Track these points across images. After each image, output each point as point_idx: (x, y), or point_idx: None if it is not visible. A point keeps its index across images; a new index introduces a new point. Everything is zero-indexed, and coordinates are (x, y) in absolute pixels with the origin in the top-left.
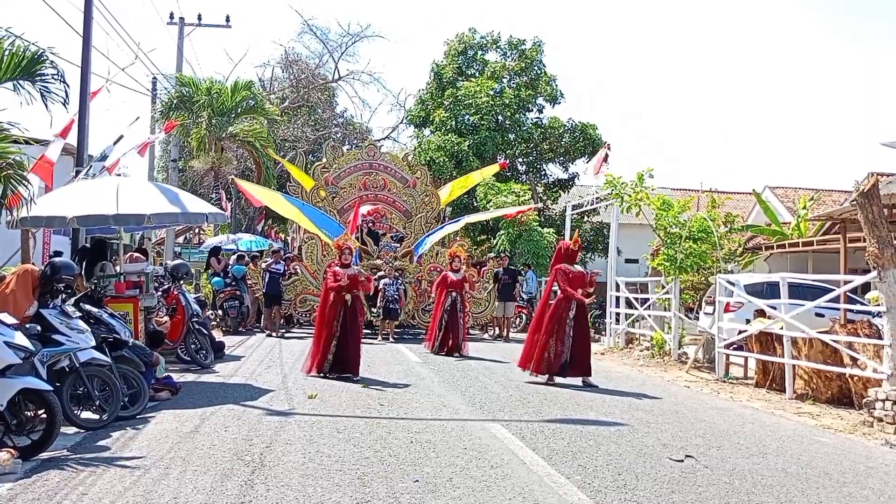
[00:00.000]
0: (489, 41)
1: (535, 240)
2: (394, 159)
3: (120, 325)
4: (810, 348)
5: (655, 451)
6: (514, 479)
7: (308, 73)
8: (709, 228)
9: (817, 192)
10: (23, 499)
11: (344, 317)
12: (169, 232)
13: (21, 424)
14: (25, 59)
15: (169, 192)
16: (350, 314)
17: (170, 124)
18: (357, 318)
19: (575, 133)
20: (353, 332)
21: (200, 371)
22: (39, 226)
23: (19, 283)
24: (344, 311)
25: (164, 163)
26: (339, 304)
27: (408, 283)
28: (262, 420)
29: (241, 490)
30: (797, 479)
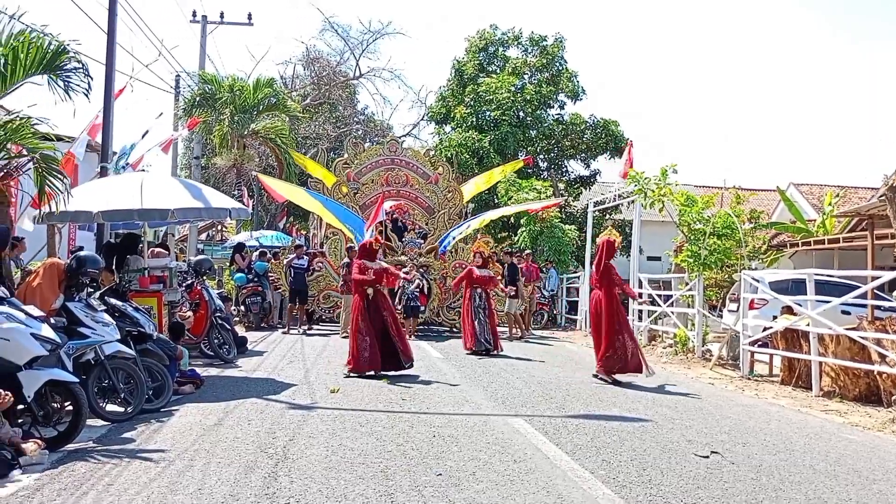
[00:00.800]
0: (510, 37)
1: (556, 237)
2: (415, 155)
3: (144, 319)
4: (837, 345)
5: (680, 446)
6: (537, 474)
7: (329, 71)
8: (733, 224)
9: (843, 189)
10: (49, 489)
11: (369, 314)
12: (192, 229)
13: (48, 416)
14: (49, 53)
15: (192, 188)
16: (373, 308)
17: (193, 121)
18: (381, 312)
19: (597, 129)
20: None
21: (223, 365)
22: (65, 221)
23: (46, 276)
24: (367, 305)
25: (188, 160)
26: (363, 299)
27: (433, 280)
28: (285, 414)
29: (264, 482)
30: (826, 475)
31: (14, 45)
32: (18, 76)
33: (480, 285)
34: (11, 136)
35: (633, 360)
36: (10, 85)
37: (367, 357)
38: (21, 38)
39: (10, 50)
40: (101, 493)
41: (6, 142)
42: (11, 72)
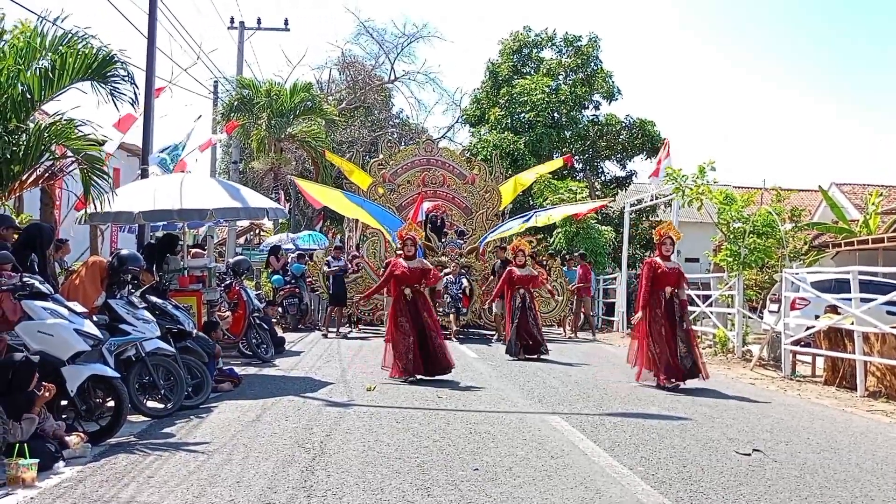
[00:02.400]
0: (544, 38)
1: (592, 237)
2: (451, 155)
3: (184, 317)
4: (883, 344)
5: (721, 444)
6: (575, 469)
7: (364, 75)
8: (774, 223)
9: (887, 189)
10: (91, 480)
11: (409, 314)
12: (230, 232)
13: (90, 410)
14: (97, 60)
15: (230, 188)
16: (413, 309)
17: (231, 125)
18: (421, 314)
19: (633, 130)
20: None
21: (261, 365)
22: (108, 221)
23: (88, 274)
24: (407, 307)
25: (226, 164)
26: (401, 300)
27: (474, 281)
28: (322, 411)
29: (302, 475)
30: (872, 474)
31: (63, 52)
32: (65, 82)
33: (522, 286)
34: (55, 139)
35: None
36: (57, 90)
37: (411, 359)
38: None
39: (58, 56)
40: (142, 485)
41: (50, 143)
42: (58, 76)
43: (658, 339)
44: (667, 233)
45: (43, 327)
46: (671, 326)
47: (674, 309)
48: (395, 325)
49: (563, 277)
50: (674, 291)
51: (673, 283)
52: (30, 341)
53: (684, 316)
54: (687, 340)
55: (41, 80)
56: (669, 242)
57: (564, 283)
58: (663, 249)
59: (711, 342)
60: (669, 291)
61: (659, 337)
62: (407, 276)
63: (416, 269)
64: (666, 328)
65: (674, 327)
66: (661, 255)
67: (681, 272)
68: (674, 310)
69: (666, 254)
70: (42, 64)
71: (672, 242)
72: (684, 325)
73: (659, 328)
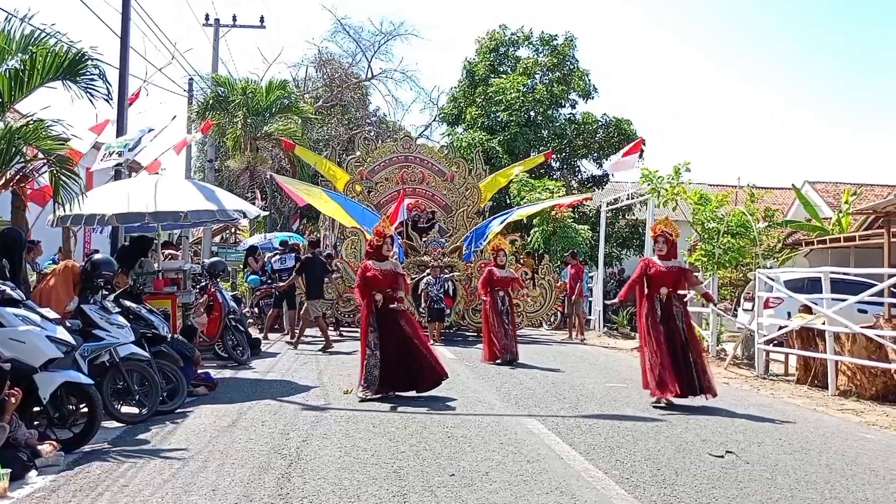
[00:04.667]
0: (520, 37)
1: (570, 236)
2: (430, 152)
3: (158, 321)
4: (854, 344)
5: (695, 446)
6: (550, 474)
7: (341, 73)
8: (747, 223)
9: (860, 187)
10: (65, 490)
11: (379, 324)
12: (206, 231)
13: (63, 418)
14: (68, 59)
15: (205, 190)
16: (385, 319)
17: (206, 124)
18: (397, 323)
19: (609, 128)
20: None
21: (238, 367)
22: (79, 224)
23: (60, 278)
24: (377, 316)
25: (201, 163)
26: (370, 308)
27: (458, 282)
28: (299, 415)
29: (278, 482)
30: (842, 475)
31: (33, 52)
32: (36, 82)
33: (502, 288)
34: (27, 139)
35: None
36: (28, 90)
37: (377, 376)
38: (39, 43)
39: (28, 56)
40: (117, 495)
41: (22, 145)
42: (29, 76)
43: (658, 348)
44: (661, 230)
45: (15, 334)
46: (671, 333)
47: (672, 313)
48: (366, 336)
49: (551, 275)
50: (672, 293)
51: (669, 283)
52: (1, 349)
53: (688, 321)
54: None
55: (11, 80)
56: (662, 241)
57: (553, 281)
58: (656, 248)
59: None
60: (665, 293)
61: (658, 345)
62: (378, 280)
63: (389, 273)
64: (665, 335)
65: (675, 334)
66: (658, 253)
67: (681, 270)
68: (673, 314)
69: (659, 252)
70: (12, 64)
71: (665, 240)
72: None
73: (657, 335)
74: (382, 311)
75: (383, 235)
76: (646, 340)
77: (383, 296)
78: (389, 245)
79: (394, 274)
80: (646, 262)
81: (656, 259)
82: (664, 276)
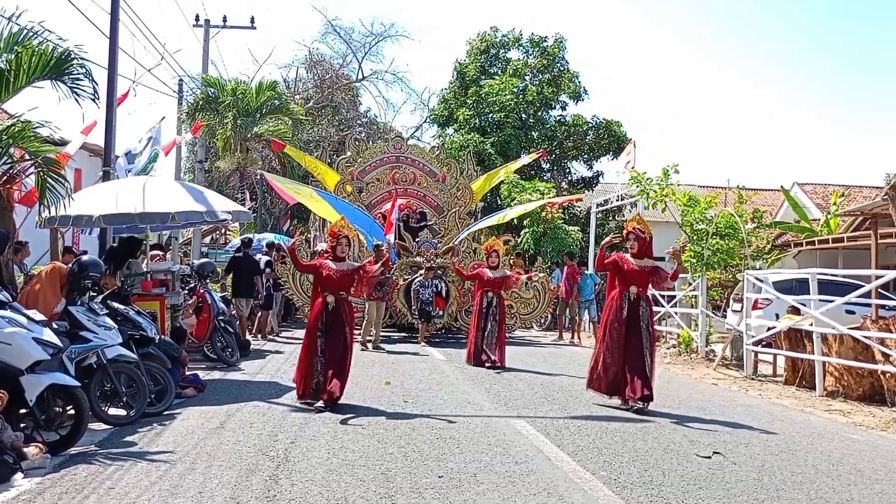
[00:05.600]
0: (511, 39)
1: (560, 238)
2: (421, 152)
3: (146, 323)
4: (841, 345)
5: (683, 447)
6: (538, 475)
7: (332, 74)
8: (736, 224)
9: (848, 189)
10: (51, 493)
11: (327, 327)
12: (196, 232)
13: (50, 420)
14: (54, 58)
15: (194, 191)
16: (333, 322)
17: (196, 125)
18: (341, 329)
19: (599, 130)
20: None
21: (226, 369)
22: (67, 225)
23: (48, 280)
24: (326, 318)
25: (191, 164)
26: (320, 310)
27: (451, 283)
28: (287, 416)
29: (265, 484)
30: (828, 476)
31: (19, 51)
32: (22, 81)
33: (493, 289)
34: (14, 140)
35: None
36: (14, 90)
37: (311, 385)
38: (25, 43)
39: (14, 56)
40: (103, 497)
41: (8, 146)
42: (15, 76)
43: (611, 348)
44: (633, 227)
45: (0, 336)
46: (635, 334)
47: (639, 314)
48: (309, 338)
49: (544, 276)
50: (641, 292)
51: (640, 283)
52: None
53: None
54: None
55: None
56: (633, 238)
57: (546, 283)
58: (628, 246)
59: (676, 342)
60: (635, 292)
61: (613, 345)
62: (331, 281)
63: (345, 274)
64: (622, 336)
65: (639, 335)
66: (630, 251)
67: (654, 269)
68: (639, 314)
69: (632, 251)
70: None
71: (636, 237)
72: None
73: (615, 335)
74: (332, 314)
75: (336, 236)
76: (603, 337)
77: (336, 298)
78: (344, 246)
79: (350, 275)
80: (621, 257)
81: (628, 256)
82: (636, 275)
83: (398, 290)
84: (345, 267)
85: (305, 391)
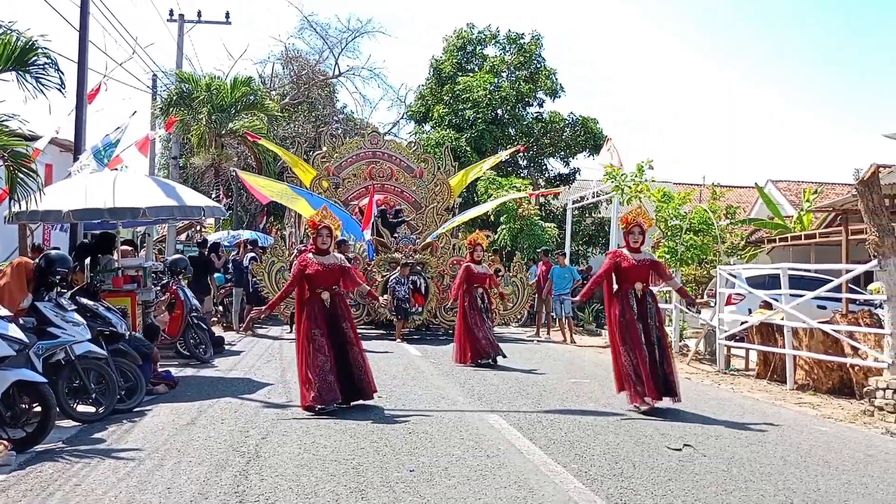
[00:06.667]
0: (487, 36)
1: (536, 234)
2: (398, 147)
3: (116, 319)
4: (811, 339)
5: (654, 440)
6: (509, 468)
7: (308, 70)
8: (709, 220)
9: (821, 186)
10: (16, 490)
11: (325, 324)
12: (170, 229)
13: (16, 417)
14: (17, 49)
15: (166, 186)
16: (331, 319)
17: (170, 121)
18: (340, 324)
19: (576, 127)
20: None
21: (199, 365)
22: (35, 220)
23: (14, 275)
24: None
25: (165, 160)
26: (313, 308)
27: (430, 279)
28: (260, 413)
29: (234, 480)
30: (796, 467)
31: None
32: None
33: (480, 284)
34: None
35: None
36: None
37: (329, 384)
38: None
39: None
40: (69, 494)
41: None
42: None
43: (636, 350)
44: (635, 219)
45: None
46: (645, 332)
47: (647, 311)
48: (308, 339)
49: (523, 273)
50: (646, 288)
51: (644, 278)
52: None
53: (660, 319)
54: (663, 350)
55: None
56: (638, 231)
57: (525, 279)
58: (630, 240)
59: None
60: (640, 289)
61: (636, 346)
62: (321, 276)
63: (334, 267)
64: (636, 334)
65: (649, 332)
66: (629, 245)
67: (654, 263)
68: (647, 311)
69: (634, 245)
70: None
71: (641, 231)
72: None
73: (633, 333)
74: (329, 310)
75: (316, 227)
76: (621, 340)
77: (330, 293)
78: (325, 237)
79: (340, 269)
80: (617, 254)
81: (627, 252)
82: (638, 270)
83: (376, 286)
84: (331, 260)
85: (318, 397)
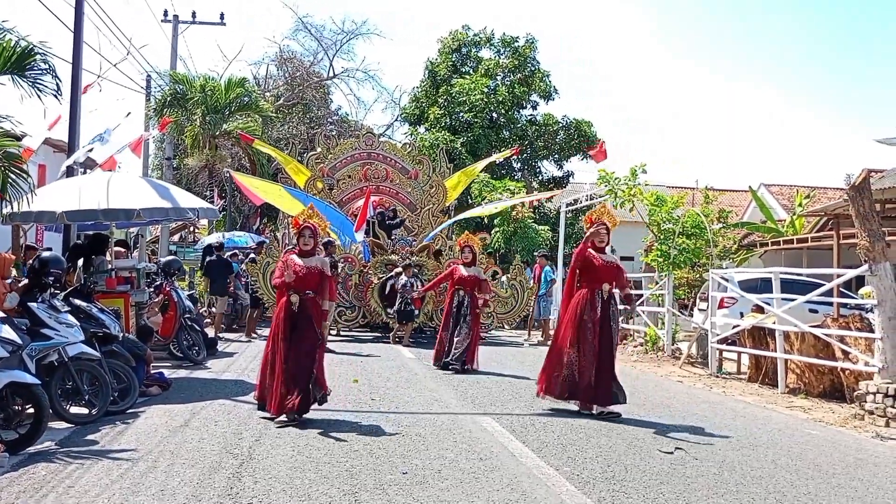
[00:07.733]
0: (482, 38)
1: (530, 237)
2: (393, 149)
3: (110, 320)
4: (802, 343)
5: (646, 443)
6: (502, 471)
7: (303, 71)
8: (702, 224)
9: (813, 190)
10: (8, 492)
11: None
12: (164, 230)
13: (8, 418)
14: (15, 54)
15: (160, 187)
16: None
17: (164, 122)
18: (305, 332)
19: (569, 130)
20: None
21: (193, 367)
22: (29, 221)
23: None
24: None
25: (159, 161)
26: (284, 311)
27: (426, 281)
28: (253, 414)
29: (228, 482)
30: (787, 470)
31: None
32: None
33: (465, 287)
34: None
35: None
36: None
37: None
38: None
39: None
40: (62, 496)
41: None
42: None
43: (583, 353)
44: (599, 218)
45: None
46: (603, 335)
47: (611, 313)
48: (272, 343)
49: (523, 276)
50: (612, 290)
51: (612, 279)
52: None
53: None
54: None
55: None
56: (604, 231)
57: (525, 282)
58: (597, 240)
59: (643, 341)
60: (608, 290)
61: (585, 349)
62: (298, 279)
63: (314, 271)
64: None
65: (610, 336)
66: (594, 245)
67: (619, 267)
68: (611, 314)
69: (600, 245)
70: None
71: (608, 230)
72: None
73: (590, 338)
74: (298, 316)
75: (300, 227)
76: (571, 340)
77: (300, 297)
78: (308, 238)
79: (318, 274)
80: (587, 253)
81: (593, 251)
82: (607, 271)
83: (373, 289)
84: (312, 263)
85: (263, 398)
